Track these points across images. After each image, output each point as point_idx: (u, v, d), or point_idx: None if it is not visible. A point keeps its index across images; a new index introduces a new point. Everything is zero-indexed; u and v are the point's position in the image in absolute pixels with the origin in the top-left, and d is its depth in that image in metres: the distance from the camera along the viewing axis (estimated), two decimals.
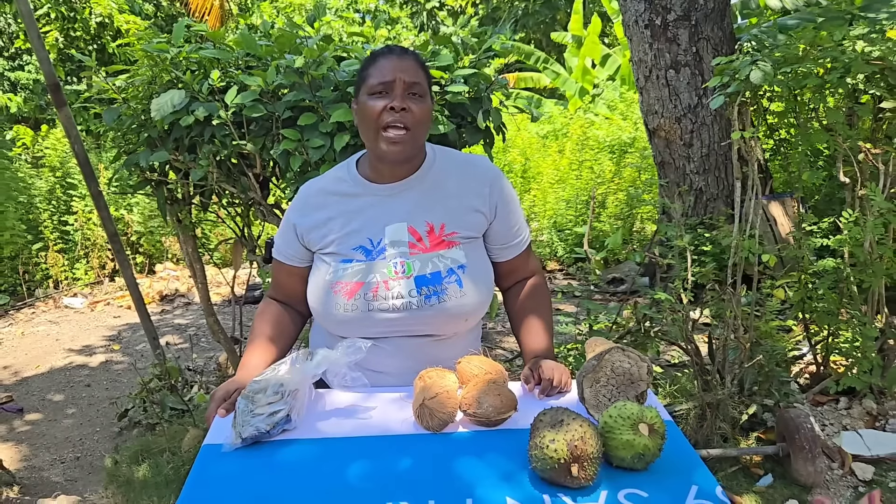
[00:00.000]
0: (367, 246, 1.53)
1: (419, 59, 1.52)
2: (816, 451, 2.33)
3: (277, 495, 1.15)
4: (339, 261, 1.54)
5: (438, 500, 1.12)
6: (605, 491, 1.15)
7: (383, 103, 1.45)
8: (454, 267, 1.52)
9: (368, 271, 1.51)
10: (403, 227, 1.53)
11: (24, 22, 2.49)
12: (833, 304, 2.70)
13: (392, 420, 1.40)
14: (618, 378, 1.38)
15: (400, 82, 1.45)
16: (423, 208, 1.55)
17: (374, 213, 1.55)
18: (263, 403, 1.36)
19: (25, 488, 2.89)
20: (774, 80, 2.52)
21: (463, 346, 1.63)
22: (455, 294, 1.51)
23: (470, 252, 1.56)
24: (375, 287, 1.50)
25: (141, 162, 2.24)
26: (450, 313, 1.52)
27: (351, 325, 1.54)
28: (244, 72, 2.17)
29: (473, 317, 1.60)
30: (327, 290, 1.54)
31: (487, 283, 1.60)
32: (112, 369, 4.35)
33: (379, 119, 1.45)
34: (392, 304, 1.50)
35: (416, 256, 1.52)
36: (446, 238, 1.55)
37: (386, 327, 1.53)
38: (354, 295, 1.50)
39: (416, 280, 1.51)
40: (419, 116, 1.47)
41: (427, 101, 1.51)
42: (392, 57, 1.48)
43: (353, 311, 1.51)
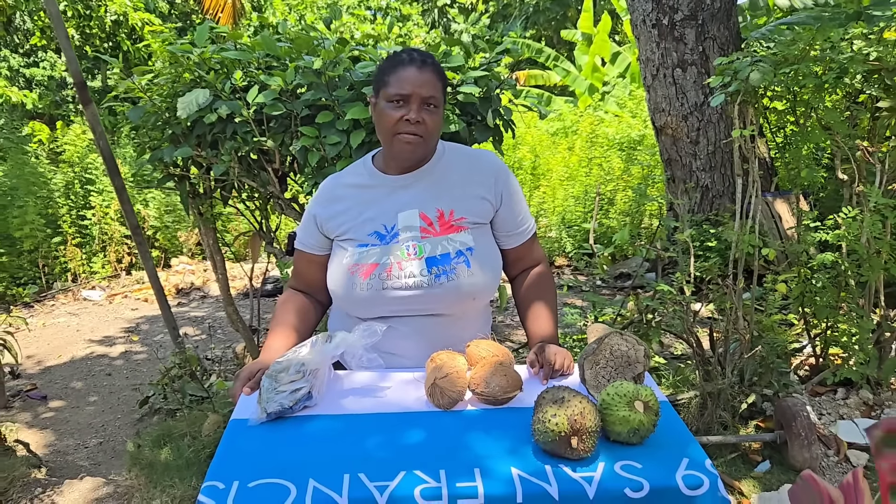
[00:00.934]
0: (381, 231, 1.65)
1: (437, 69, 1.63)
2: (812, 438, 2.42)
3: (300, 464, 1.26)
4: (356, 245, 1.66)
5: (449, 470, 1.22)
6: (602, 462, 1.25)
7: (400, 113, 1.57)
8: (462, 249, 1.64)
9: (383, 254, 1.63)
10: (415, 213, 1.65)
11: (52, 22, 2.60)
12: (831, 297, 2.78)
13: (406, 398, 1.50)
14: (616, 360, 1.48)
15: (417, 97, 1.57)
16: (433, 196, 1.67)
17: (387, 201, 1.67)
18: (286, 381, 1.47)
19: (51, 471, 3.02)
20: (774, 80, 2.61)
21: (472, 327, 1.74)
22: (464, 273, 1.63)
23: (478, 236, 1.68)
24: (389, 268, 1.62)
25: (165, 157, 2.36)
26: (459, 291, 1.64)
27: (368, 304, 1.65)
28: (264, 72, 2.28)
29: (481, 296, 1.71)
30: (346, 272, 1.65)
31: (494, 266, 1.72)
32: (132, 359, 4.48)
33: (395, 126, 1.59)
34: (405, 283, 1.62)
35: (427, 240, 1.64)
36: (455, 223, 1.66)
37: (399, 305, 1.64)
38: (370, 275, 1.62)
39: (427, 261, 1.62)
40: (432, 127, 1.60)
41: (440, 110, 1.64)
42: (412, 69, 1.58)
43: (370, 290, 1.62)
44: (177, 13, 14.56)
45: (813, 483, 1.14)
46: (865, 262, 2.60)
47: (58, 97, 13.10)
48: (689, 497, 1.20)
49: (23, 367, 4.28)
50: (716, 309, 3.42)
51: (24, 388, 3.98)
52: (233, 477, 1.24)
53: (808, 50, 2.67)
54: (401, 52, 1.63)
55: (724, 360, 2.79)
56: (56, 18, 2.58)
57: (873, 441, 0.60)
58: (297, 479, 1.22)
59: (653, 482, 1.19)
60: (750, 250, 2.74)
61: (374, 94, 1.66)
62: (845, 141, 2.71)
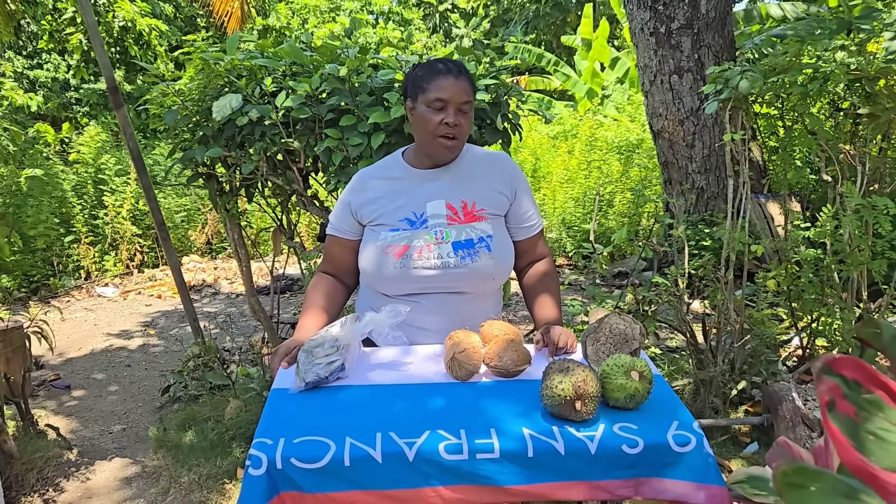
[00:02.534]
0: (411, 218, 1.86)
1: (469, 77, 1.84)
2: (797, 421, 2.60)
3: (337, 425, 1.43)
4: (388, 230, 1.86)
5: (468, 429, 1.40)
6: (602, 424, 1.42)
7: (440, 117, 1.79)
8: (483, 236, 1.85)
9: (413, 237, 1.84)
10: (442, 203, 1.86)
11: (88, 30, 2.78)
12: (817, 292, 2.96)
13: (427, 371, 1.69)
14: (615, 337, 1.66)
15: (454, 102, 1.78)
16: (457, 189, 1.88)
17: (416, 192, 1.88)
18: (321, 355, 1.65)
19: (81, 453, 3.19)
20: (763, 88, 2.80)
21: (487, 306, 1.94)
22: (485, 257, 1.84)
23: (495, 226, 1.89)
24: (419, 249, 1.82)
25: (197, 157, 2.54)
26: (480, 272, 1.84)
27: (397, 282, 1.85)
28: (291, 78, 2.47)
29: (499, 278, 1.92)
30: (379, 252, 1.85)
31: (509, 253, 1.93)
32: (149, 351, 4.66)
33: (436, 129, 1.80)
34: (432, 263, 1.82)
35: (453, 226, 1.85)
36: (477, 213, 1.88)
37: (425, 283, 1.84)
38: (402, 255, 1.83)
39: (453, 245, 1.83)
40: (466, 129, 1.83)
41: (471, 114, 1.86)
42: (451, 77, 1.79)
43: (401, 269, 1.83)
44: (182, 17, 14.75)
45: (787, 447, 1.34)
46: (847, 258, 2.79)
47: (62, 99, 13.24)
48: (678, 453, 1.38)
49: (45, 359, 4.46)
50: (709, 305, 3.61)
51: (48, 377, 4.16)
52: (279, 435, 1.40)
53: (795, 60, 2.86)
54: (436, 61, 1.84)
55: (716, 350, 2.98)
56: (92, 27, 2.76)
57: (815, 371, 0.77)
58: (335, 436, 1.39)
59: (647, 440, 1.37)
60: (741, 248, 2.92)
61: (411, 100, 1.85)
62: (829, 145, 2.89)
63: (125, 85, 12.10)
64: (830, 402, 0.71)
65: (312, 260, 2.69)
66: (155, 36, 12.10)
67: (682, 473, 1.37)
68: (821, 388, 0.75)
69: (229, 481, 2.76)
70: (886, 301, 2.81)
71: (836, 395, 0.70)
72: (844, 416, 0.69)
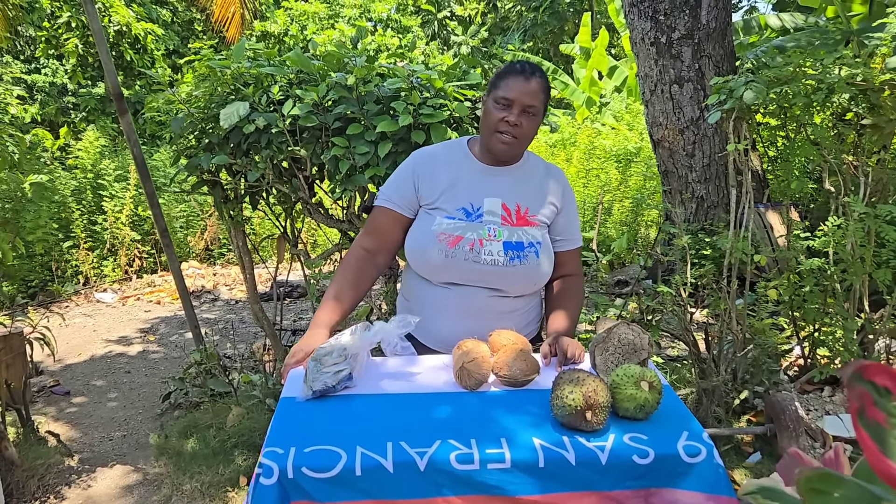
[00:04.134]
0: (468, 209, 1.87)
1: (543, 81, 1.85)
2: (800, 431, 2.61)
3: (348, 434, 1.43)
4: (444, 216, 1.87)
5: (479, 439, 1.40)
6: (612, 434, 1.43)
7: (503, 114, 1.82)
8: (533, 241, 1.88)
9: (467, 229, 1.85)
10: (498, 202, 1.89)
11: (94, 38, 2.79)
12: (819, 301, 2.98)
13: (436, 380, 1.69)
14: (623, 347, 1.66)
15: (520, 103, 1.80)
16: (514, 192, 1.91)
17: (477, 184, 1.90)
18: (330, 364, 1.65)
19: (81, 460, 3.18)
20: (767, 98, 2.81)
21: (521, 307, 1.96)
22: (533, 261, 1.87)
23: (543, 235, 1.92)
24: (472, 242, 1.84)
25: (203, 164, 2.54)
26: (526, 276, 1.87)
27: (445, 270, 1.86)
28: (297, 86, 2.47)
29: (539, 283, 1.94)
30: (434, 237, 1.85)
31: (551, 263, 1.96)
32: (149, 358, 4.65)
33: (497, 125, 1.83)
34: (483, 259, 1.84)
35: (506, 227, 1.87)
36: (530, 218, 1.91)
37: (471, 276, 1.86)
38: (456, 245, 1.84)
39: (504, 245, 1.85)
40: (527, 131, 1.85)
41: (538, 118, 1.87)
42: (521, 79, 1.81)
43: (452, 259, 1.84)
44: (179, 21, 14.76)
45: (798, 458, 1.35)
46: (850, 267, 2.80)
47: (60, 104, 13.22)
48: (688, 463, 1.38)
49: (45, 365, 4.44)
50: (711, 314, 3.62)
51: (48, 383, 4.14)
52: (289, 444, 1.40)
53: (799, 71, 2.88)
54: (515, 62, 1.86)
55: (718, 360, 2.99)
56: (98, 34, 2.77)
57: (846, 377, 0.78)
58: (346, 445, 1.39)
59: (657, 450, 1.37)
60: (743, 258, 2.93)
61: (486, 94, 1.89)
62: (832, 155, 2.91)
63: (122, 90, 12.09)
64: (860, 408, 0.72)
65: (317, 267, 2.69)
66: (151, 40, 12.11)
67: (692, 484, 1.37)
68: (851, 395, 0.75)
69: (232, 489, 2.75)
70: (889, 311, 2.82)
71: (866, 401, 0.70)
72: (874, 422, 0.70)
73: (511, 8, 18.37)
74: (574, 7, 16.80)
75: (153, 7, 13.68)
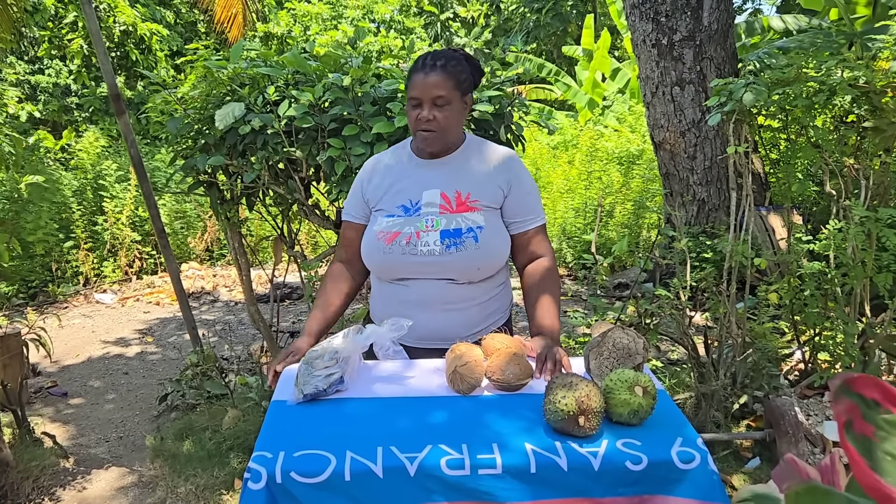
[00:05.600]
0: (407, 205, 1.90)
1: (445, 69, 1.85)
2: (799, 436, 2.58)
3: (338, 438, 1.42)
4: (385, 216, 1.91)
5: (471, 444, 1.39)
6: (606, 440, 1.41)
7: (416, 112, 1.85)
8: (473, 227, 1.87)
9: (405, 224, 1.87)
10: (437, 192, 1.90)
11: (92, 38, 2.78)
12: (819, 305, 2.95)
13: (429, 384, 1.67)
14: (618, 352, 1.64)
15: (427, 98, 1.83)
16: (454, 179, 1.91)
17: (416, 179, 1.92)
18: (321, 367, 1.63)
19: (76, 462, 3.17)
20: (768, 100, 2.79)
21: (479, 295, 1.95)
22: (471, 246, 1.85)
23: (488, 218, 1.90)
24: (409, 236, 1.86)
25: (199, 165, 2.53)
26: (464, 261, 1.86)
27: (390, 267, 1.90)
28: (294, 87, 2.46)
29: (485, 268, 1.92)
30: (374, 237, 1.90)
31: (501, 246, 1.94)
32: (147, 359, 4.64)
33: (415, 124, 1.87)
34: (420, 251, 1.85)
35: (444, 215, 1.88)
36: (470, 204, 1.90)
37: (416, 269, 1.88)
38: (393, 241, 1.86)
39: (441, 233, 1.86)
40: (444, 121, 1.85)
41: (453, 105, 1.87)
42: (421, 75, 1.84)
43: (391, 255, 1.87)
44: (182, 22, 14.78)
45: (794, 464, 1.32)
46: (851, 271, 2.78)
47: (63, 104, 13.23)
48: (682, 470, 1.36)
49: (42, 366, 4.43)
50: (710, 317, 3.60)
51: (45, 385, 4.13)
52: (279, 448, 1.39)
53: (801, 73, 2.86)
54: (418, 59, 1.89)
55: (717, 364, 2.97)
56: (95, 35, 2.76)
57: (833, 390, 0.76)
58: (336, 450, 1.37)
59: (651, 456, 1.35)
60: (743, 261, 2.91)
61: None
62: (833, 158, 2.89)
63: (126, 91, 12.09)
64: (848, 421, 0.70)
65: (314, 269, 2.68)
66: (155, 41, 12.13)
67: (686, 491, 1.35)
68: (838, 408, 0.74)
69: (227, 492, 2.74)
70: (890, 315, 2.79)
71: (854, 414, 0.68)
72: (862, 435, 0.68)
73: (514, 10, 18.35)
74: (577, 9, 16.76)
75: (157, 8, 13.71)
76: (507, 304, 2.07)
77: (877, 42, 4.59)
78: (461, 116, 1.91)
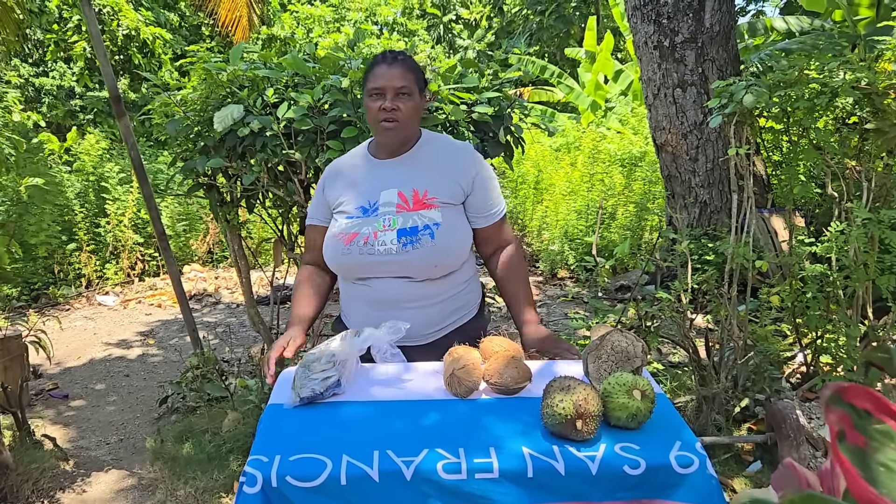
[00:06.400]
0: (365, 206, 1.90)
1: (407, 63, 1.89)
2: (801, 440, 2.57)
3: (334, 442, 1.41)
4: (345, 217, 1.92)
5: (467, 448, 1.38)
6: (604, 444, 1.40)
7: (379, 104, 1.85)
8: (430, 224, 1.86)
9: (363, 224, 1.88)
10: (394, 192, 1.90)
11: (92, 41, 2.78)
12: (822, 308, 2.93)
13: (426, 387, 1.66)
14: (617, 355, 1.63)
15: (391, 88, 1.85)
16: (411, 178, 1.92)
17: (373, 180, 1.93)
18: (318, 370, 1.63)
19: (77, 464, 3.16)
20: (769, 102, 2.78)
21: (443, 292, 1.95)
22: (427, 244, 1.85)
23: (446, 214, 1.89)
24: (367, 237, 1.86)
25: (198, 167, 2.53)
26: (423, 259, 1.86)
27: (350, 267, 1.91)
28: (293, 89, 2.46)
29: (442, 265, 1.91)
30: (334, 239, 1.91)
31: (460, 241, 1.94)
32: (148, 361, 4.64)
33: (377, 115, 1.87)
34: (377, 250, 1.85)
35: (401, 214, 1.88)
36: (427, 201, 1.89)
37: (375, 269, 1.88)
38: (351, 242, 1.87)
39: (398, 232, 1.86)
40: (406, 112, 1.87)
41: (414, 98, 1.89)
42: (384, 66, 1.87)
43: (349, 255, 1.88)
44: (186, 26, 14.82)
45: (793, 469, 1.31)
46: (853, 273, 2.76)
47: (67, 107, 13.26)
48: (681, 474, 1.35)
49: (44, 368, 4.43)
50: (712, 320, 3.58)
51: (46, 387, 4.13)
52: (275, 452, 1.38)
53: (803, 75, 2.85)
54: (377, 55, 1.91)
55: (718, 367, 2.95)
56: (96, 37, 2.76)
57: (823, 399, 0.75)
58: (331, 454, 1.37)
59: (649, 461, 1.34)
60: (744, 263, 2.89)
61: (362, 95, 1.94)
62: (835, 160, 2.87)
63: (129, 94, 12.13)
64: (840, 432, 0.69)
65: None
66: (159, 44, 12.16)
67: (684, 495, 1.34)
68: (830, 418, 0.73)
69: (226, 495, 2.73)
70: (893, 318, 2.78)
71: (846, 424, 0.67)
72: (854, 446, 0.67)
73: (517, 12, 18.36)
74: (580, 11, 16.78)
75: (161, 11, 13.75)
76: (474, 301, 2.08)
77: (880, 43, 4.58)
78: (419, 112, 1.94)
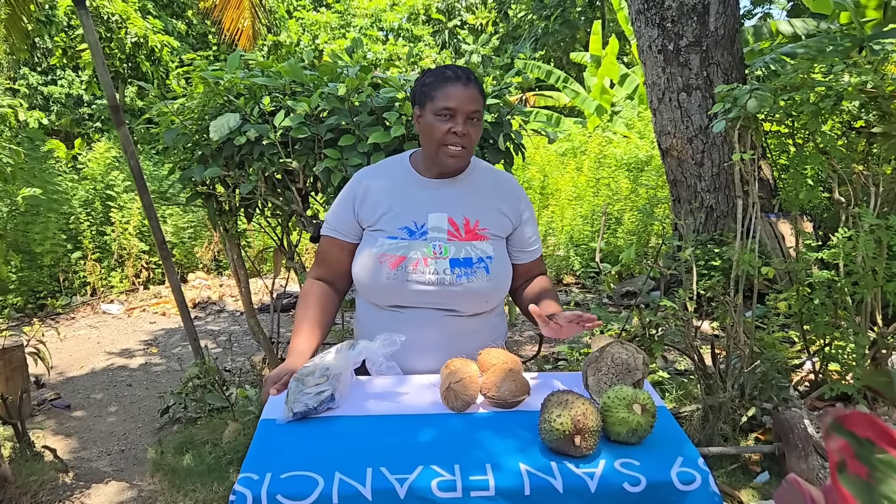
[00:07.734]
0: (411, 227, 1.79)
1: (479, 85, 1.78)
2: (809, 450, 2.52)
3: (327, 459, 1.37)
4: (386, 237, 1.79)
5: (463, 465, 1.34)
6: (603, 460, 1.36)
7: (448, 126, 1.72)
8: (483, 256, 1.79)
9: (410, 248, 1.76)
10: (444, 216, 1.80)
11: (90, 49, 2.77)
12: (829, 314, 2.89)
13: (422, 401, 1.62)
14: (617, 367, 1.60)
15: (463, 111, 1.72)
16: (461, 204, 1.82)
17: (420, 200, 1.81)
18: (312, 384, 1.59)
19: (77, 476, 3.14)
20: (774, 106, 2.74)
21: (480, 326, 1.87)
22: (482, 278, 1.77)
23: (496, 247, 1.83)
24: (415, 262, 1.75)
25: (195, 176, 2.51)
26: (475, 293, 1.78)
27: (390, 293, 1.78)
28: (290, 97, 2.43)
29: (492, 300, 1.85)
30: (375, 260, 1.78)
31: (507, 277, 1.87)
32: (151, 371, 4.62)
33: (443, 138, 1.73)
34: (427, 279, 1.75)
35: (453, 243, 1.78)
36: (479, 232, 1.81)
37: (419, 298, 1.77)
38: (397, 266, 1.75)
39: (451, 262, 1.76)
40: (474, 138, 1.77)
41: (482, 122, 1.79)
42: (458, 85, 1.72)
43: (394, 280, 1.76)
44: (194, 34, 14.88)
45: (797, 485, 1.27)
46: (861, 279, 2.71)
47: (75, 115, 13.31)
48: (682, 492, 1.31)
49: (46, 378, 4.42)
50: (718, 326, 3.53)
51: (48, 397, 4.11)
52: (265, 469, 1.35)
53: (808, 78, 2.80)
54: (444, 68, 1.77)
55: (725, 375, 2.90)
56: (94, 46, 2.75)
57: (824, 427, 0.71)
58: (324, 471, 1.33)
59: (649, 478, 1.30)
60: (750, 269, 2.85)
61: (419, 107, 1.79)
62: (842, 165, 2.83)
63: (137, 101, 12.16)
64: (841, 462, 0.65)
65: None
66: (167, 52, 12.20)
67: None
68: (831, 447, 0.69)
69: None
70: None
71: (847, 454, 0.64)
72: (856, 476, 0.63)
73: (522, 17, 18.34)
74: (585, 15, 16.75)
75: (168, 19, 13.81)
76: (502, 334, 1.99)
77: (887, 45, 4.53)
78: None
